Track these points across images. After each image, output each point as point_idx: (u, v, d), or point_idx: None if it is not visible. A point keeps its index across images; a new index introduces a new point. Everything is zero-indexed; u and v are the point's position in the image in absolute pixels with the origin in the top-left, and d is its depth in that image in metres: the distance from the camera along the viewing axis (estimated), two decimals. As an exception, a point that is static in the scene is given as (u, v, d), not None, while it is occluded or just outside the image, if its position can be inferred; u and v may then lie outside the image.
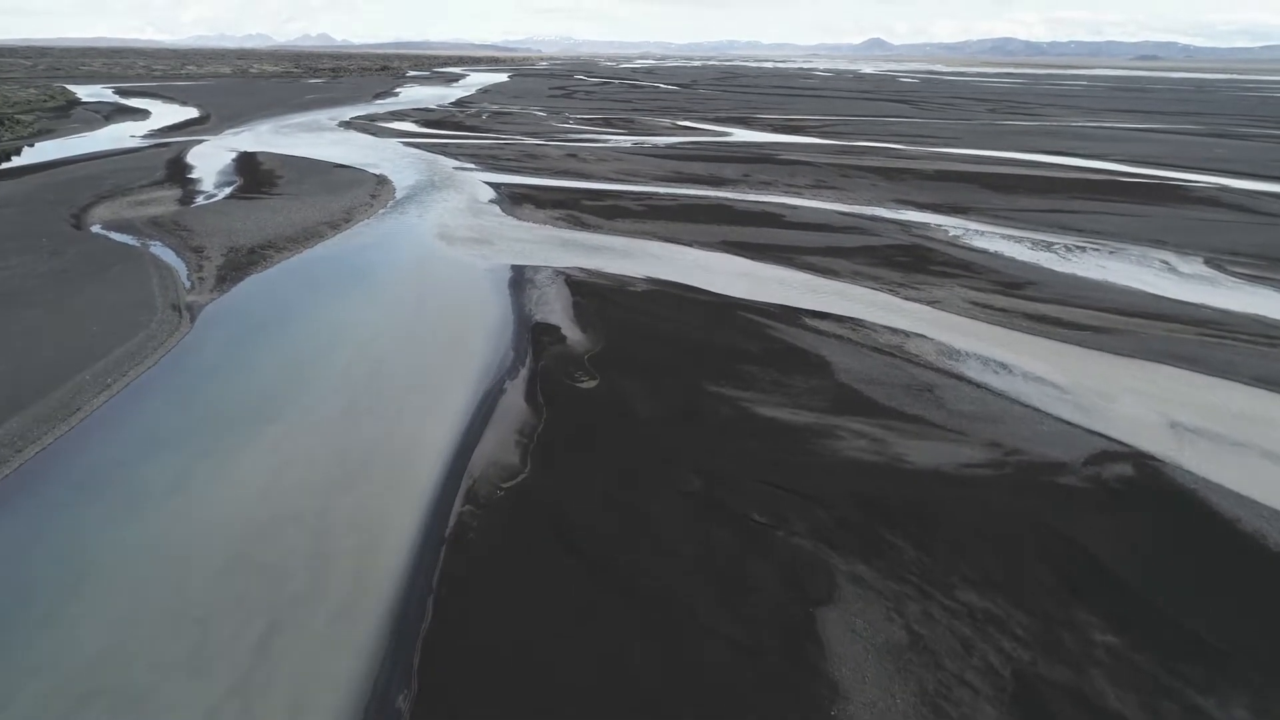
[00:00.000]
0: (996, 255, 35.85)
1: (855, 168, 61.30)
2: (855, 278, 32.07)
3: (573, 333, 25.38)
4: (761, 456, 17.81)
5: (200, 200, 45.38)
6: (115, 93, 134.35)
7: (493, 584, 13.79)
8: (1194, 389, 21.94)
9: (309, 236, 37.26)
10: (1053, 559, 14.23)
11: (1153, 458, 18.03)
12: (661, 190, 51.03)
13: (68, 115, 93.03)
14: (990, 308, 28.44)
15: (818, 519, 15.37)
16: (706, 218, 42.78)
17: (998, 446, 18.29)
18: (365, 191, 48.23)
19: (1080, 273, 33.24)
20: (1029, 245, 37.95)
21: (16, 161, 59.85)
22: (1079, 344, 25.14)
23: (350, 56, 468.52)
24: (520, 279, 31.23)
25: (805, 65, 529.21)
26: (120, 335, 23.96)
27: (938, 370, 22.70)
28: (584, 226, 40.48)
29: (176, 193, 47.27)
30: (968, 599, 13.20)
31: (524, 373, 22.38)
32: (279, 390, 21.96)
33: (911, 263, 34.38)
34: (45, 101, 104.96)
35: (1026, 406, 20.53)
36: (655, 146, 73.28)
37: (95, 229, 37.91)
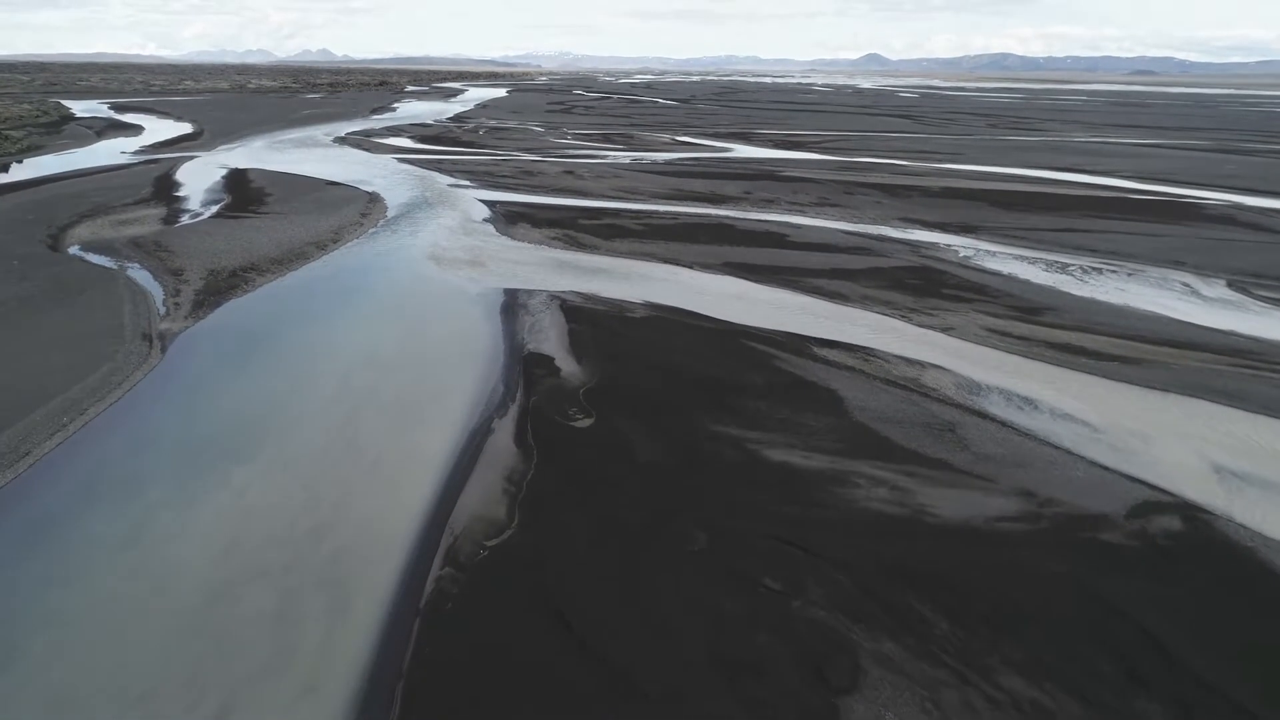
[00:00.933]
0: (1011, 278, 34.35)
1: (859, 184, 59.95)
2: (865, 302, 30.55)
3: (567, 364, 23.81)
4: (772, 509, 16.22)
5: (185, 219, 43.93)
6: (110, 108, 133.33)
7: (471, 668, 12.16)
8: (1237, 428, 20.36)
9: (294, 258, 35.76)
10: (1105, 637, 12.62)
11: (1201, 509, 16.45)
12: (661, 208, 49.63)
13: (60, 131, 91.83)
14: (1009, 335, 26.90)
15: (837, 585, 13.76)
16: (708, 237, 41.34)
17: (1031, 496, 16.69)
18: (356, 210, 46.79)
19: (1100, 297, 31.72)
20: (1043, 267, 36.46)
21: (7, 176, 58.53)
22: (1106, 376, 23.58)
23: (349, 72, 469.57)
24: (513, 304, 29.70)
25: (804, 80, 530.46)
26: (82, 368, 22.38)
27: (958, 406, 21.13)
28: (581, 247, 39.00)
29: (161, 211, 45.82)
30: (1013, 686, 11.59)
31: (514, 410, 20.80)
32: (250, 428, 20.37)
33: (923, 286, 32.87)
34: (38, 117, 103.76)
35: (1057, 448, 18.94)
36: (654, 163, 72.00)
37: (73, 250, 36.42)
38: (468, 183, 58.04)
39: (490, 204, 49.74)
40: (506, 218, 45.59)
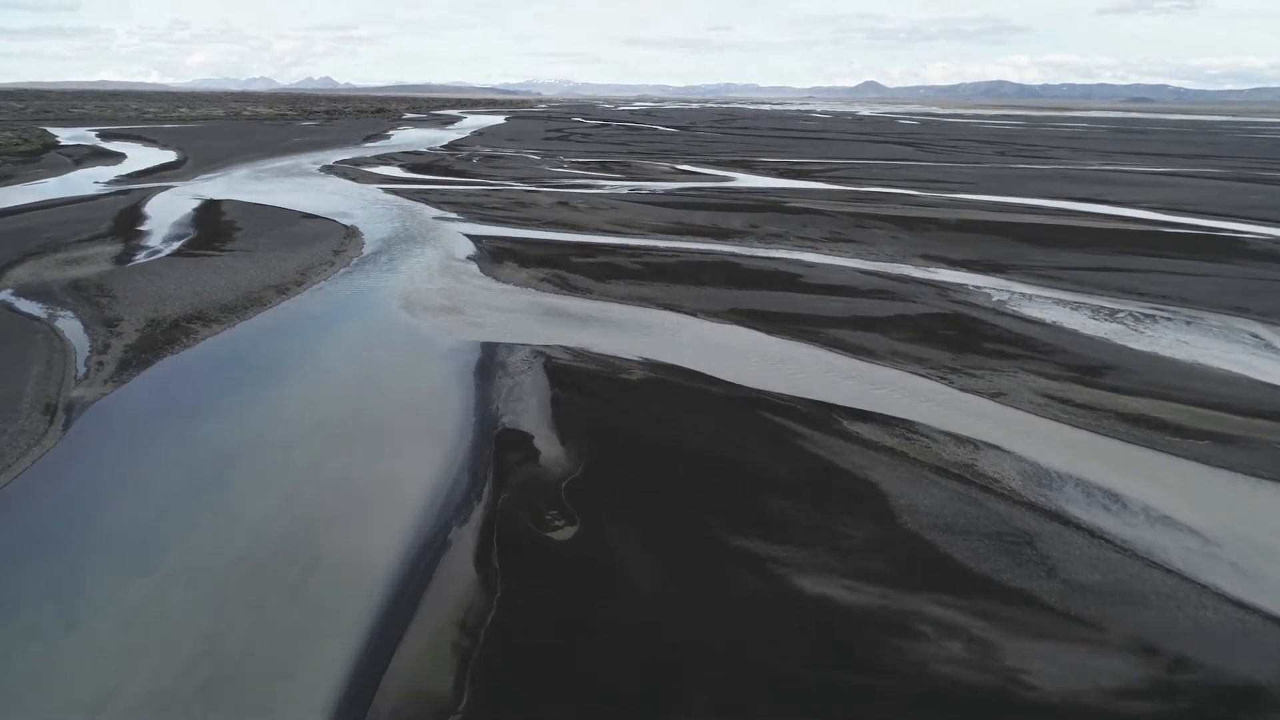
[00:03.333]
0: (1056, 327, 30.37)
1: (871, 217, 56.21)
2: (895, 359, 26.55)
3: (548, 445, 19.74)
4: (807, 674, 12.10)
5: (140, 258, 40.07)
6: (99, 135, 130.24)
7: None
8: (1385, 537, 16.28)
9: (249, 304, 31.79)
10: None
11: (1384, 671, 12.32)
12: (661, 244, 45.81)
13: (37, 160, 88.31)
14: (1070, 403, 22.86)
15: (914, 819, 9.63)
16: (712, 279, 37.44)
17: (1154, 654, 12.57)
18: (329, 247, 42.94)
19: (1163, 351, 27.73)
20: (1089, 313, 32.50)
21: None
22: (1200, 460, 19.51)
23: (348, 99, 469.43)
24: (490, 362, 25.70)
25: (803, 107, 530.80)
26: (-47, 455, 18.31)
27: (1030, 507, 17.03)
28: (571, 290, 35.07)
29: (116, 249, 41.98)
30: None
31: (479, 513, 16.68)
32: (144, 542, 16.25)
33: (959, 338, 28.90)
34: (17, 145, 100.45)
35: (1169, 572, 14.82)
36: (653, 193, 68.36)
37: (3, 295, 32.47)
38: (455, 215, 54.29)
39: (476, 239, 45.92)
40: (492, 255, 41.73)
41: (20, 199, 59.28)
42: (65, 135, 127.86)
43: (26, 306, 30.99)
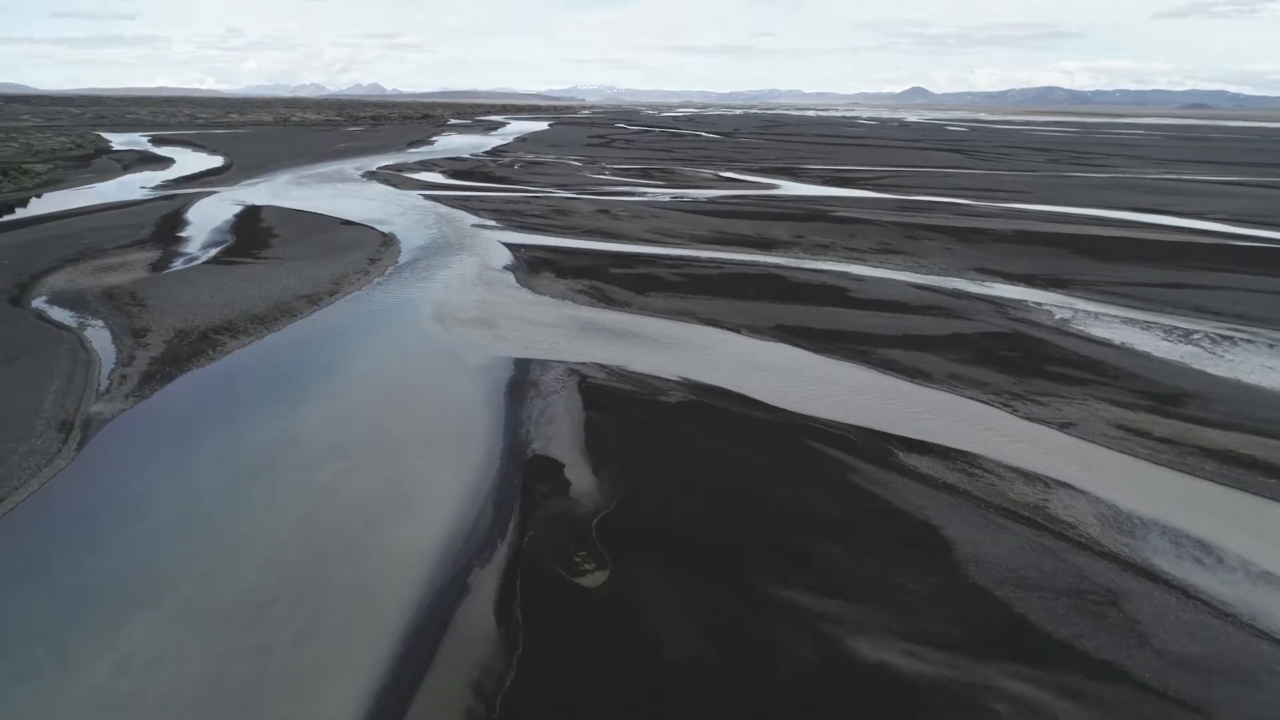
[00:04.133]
0: (1127, 350, 28.32)
1: (922, 227, 54.16)
2: (953, 384, 24.80)
3: (580, 475, 18.43)
4: (870, 761, 10.58)
5: (176, 265, 39.69)
6: (150, 140, 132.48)
7: None
8: None
9: (280, 315, 31.02)
10: None
11: None
12: (702, 254, 44.37)
13: (87, 165, 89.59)
14: (1148, 436, 20.95)
15: None
16: (756, 292, 35.89)
17: (1273, 749, 10.84)
18: (365, 255, 42.22)
19: (1247, 378, 25.60)
20: (1161, 334, 30.36)
21: (12, 215, 55.19)
22: (1302, 506, 17.55)
23: (394, 105, 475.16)
24: (522, 380, 24.50)
25: (848, 113, 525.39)
26: (-40, 476, 17.54)
27: (1113, 559, 15.28)
28: (609, 303, 33.79)
29: (154, 255, 41.69)
30: None
31: (502, 553, 15.40)
32: (145, 575, 15.25)
33: (1020, 360, 27.03)
34: (70, 150, 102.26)
35: (1280, 643, 13.03)
36: (695, 201, 66.94)
37: (37, 302, 32.14)
38: (494, 223, 53.42)
39: (514, 248, 44.92)
40: (529, 265, 40.65)
41: (67, 204, 59.83)
42: (118, 140, 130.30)
43: (58, 315, 30.55)
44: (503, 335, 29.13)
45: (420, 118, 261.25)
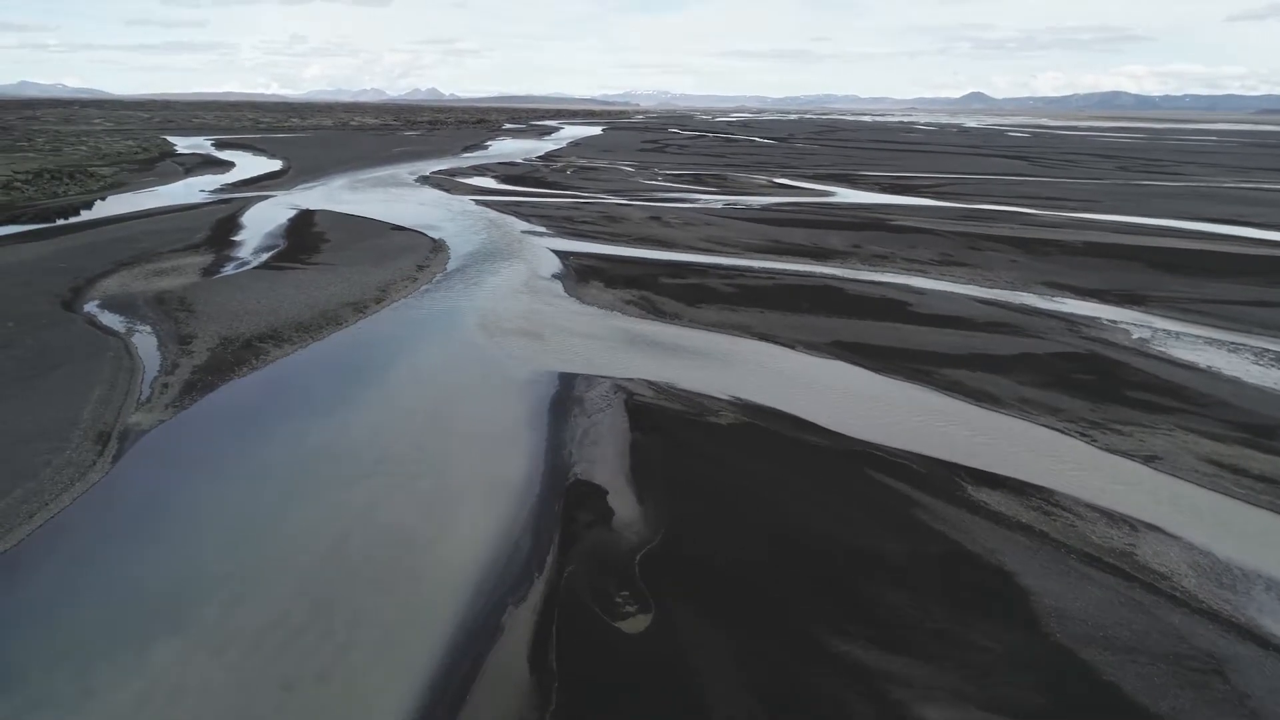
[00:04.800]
0: (1214, 374, 26.35)
1: (985, 238, 52.06)
2: (1024, 409, 23.20)
3: (624, 503, 17.39)
4: None
5: (228, 269, 39.74)
6: (213, 144, 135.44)
7: None
8: None
9: (325, 323, 30.62)
10: None
11: None
12: (756, 264, 43.08)
13: (151, 168, 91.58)
14: (1244, 473, 19.17)
15: None
16: (811, 305, 34.51)
17: None
18: (413, 261, 41.85)
19: (1352, 409, 23.51)
20: (1251, 357, 28.27)
21: (77, 218, 56.32)
22: None
23: (451, 110, 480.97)
24: (567, 397, 23.58)
25: (905, 119, 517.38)
26: (-7, 490, 17.17)
27: (1214, 618, 13.71)
28: (659, 314, 32.75)
29: (207, 259, 41.86)
30: None
31: (539, 588, 14.43)
32: (170, 600, 14.61)
33: (1097, 384, 25.28)
34: (136, 154, 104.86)
35: None
36: (749, 208, 65.58)
37: (89, 307, 32.26)
38: (544, 229, 52.79)
39: (563, 255, 44.16)
40: (578, 274, 39.82)
41: (128, 207, 60.89)
42: (183, 144, 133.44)
43: (108, 320, 30.57)
44: (549, 348, 28.27)
45: (475, 122, 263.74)
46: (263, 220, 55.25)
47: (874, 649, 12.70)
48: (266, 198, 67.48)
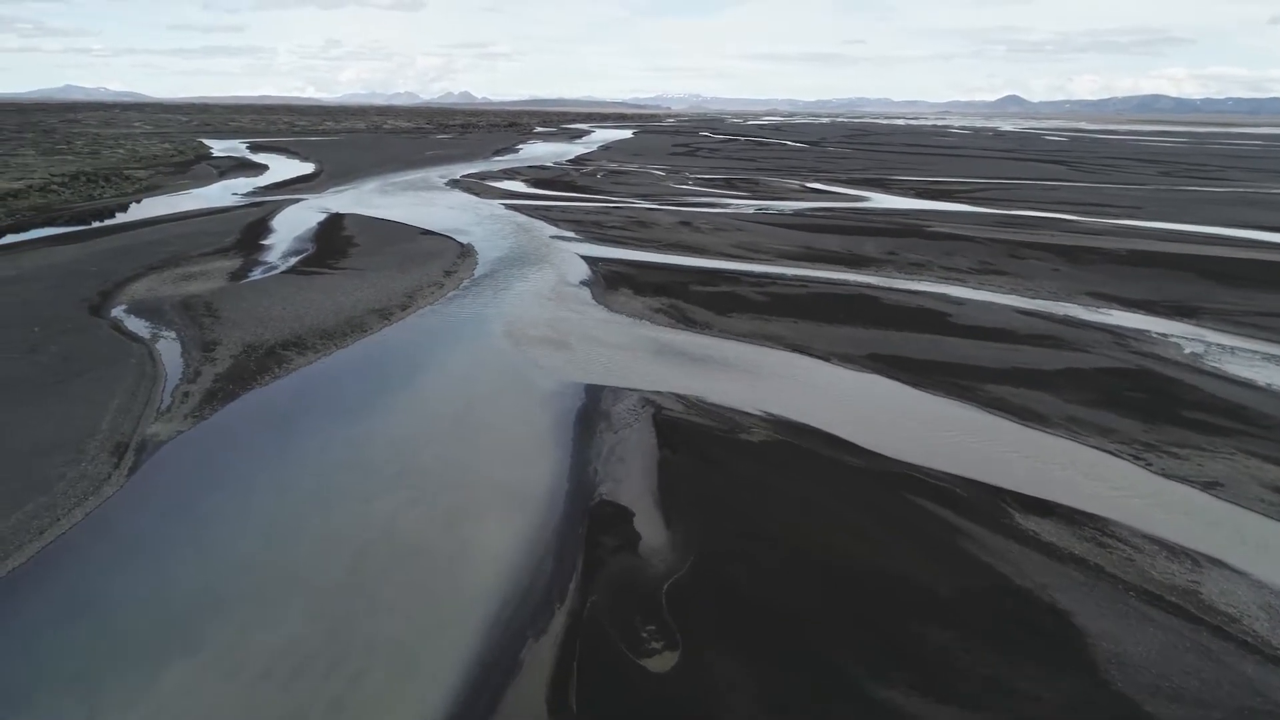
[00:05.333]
0: (1275, 393, 25.00)
1: (1025, 245, 50.63)
2: (1072, 429, 22.07)
3: (651, 526, 16.60)
4: None
5: (255, 274, 39.54)
6: (248, 147, 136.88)
7: None
8: None
9: (350, 330, 30.18)
10: None
11: None
12: (788, 272, 42.11)
13: (186, 171, 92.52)
14: (1314, 503, 17.93)
15: None
16: (846, 315, 33.49)
17: None
18: (440, 267, 41.42)
19: None
20: (1313, 375, 26.83)
21: (112, 220, 56.78)
22: None
23: (483, 113, 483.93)
24: (593, 410, 22.84)
25: (939, 122, 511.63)
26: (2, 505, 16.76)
27: (1290, 667, 12.62)
28: (689, 324, 31.94)
29: (235, 264, 41.72)
30: None
31: (560, 620, 13.68)
32: (180, 621, 14.06)
33: (1149, 402, 24.05)
34: (172, 156, 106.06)
35: None
36: (781, 213, 64.54)
37: (115, 312, 32.10)
38: (573, 234, 52.20)
39: (592, 261, 43.51)
40: (606, 280, 39.11)
41: (161, 209, 61.27)
42: (219, 147, 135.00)
43: (133, 325, 30.37)
44: (575, 358, 27.56)
45: (507, 126, 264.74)
46: (292, 224, 55.24)
47: (918, 695, 11.79)
48: (297, 201, 67.64)
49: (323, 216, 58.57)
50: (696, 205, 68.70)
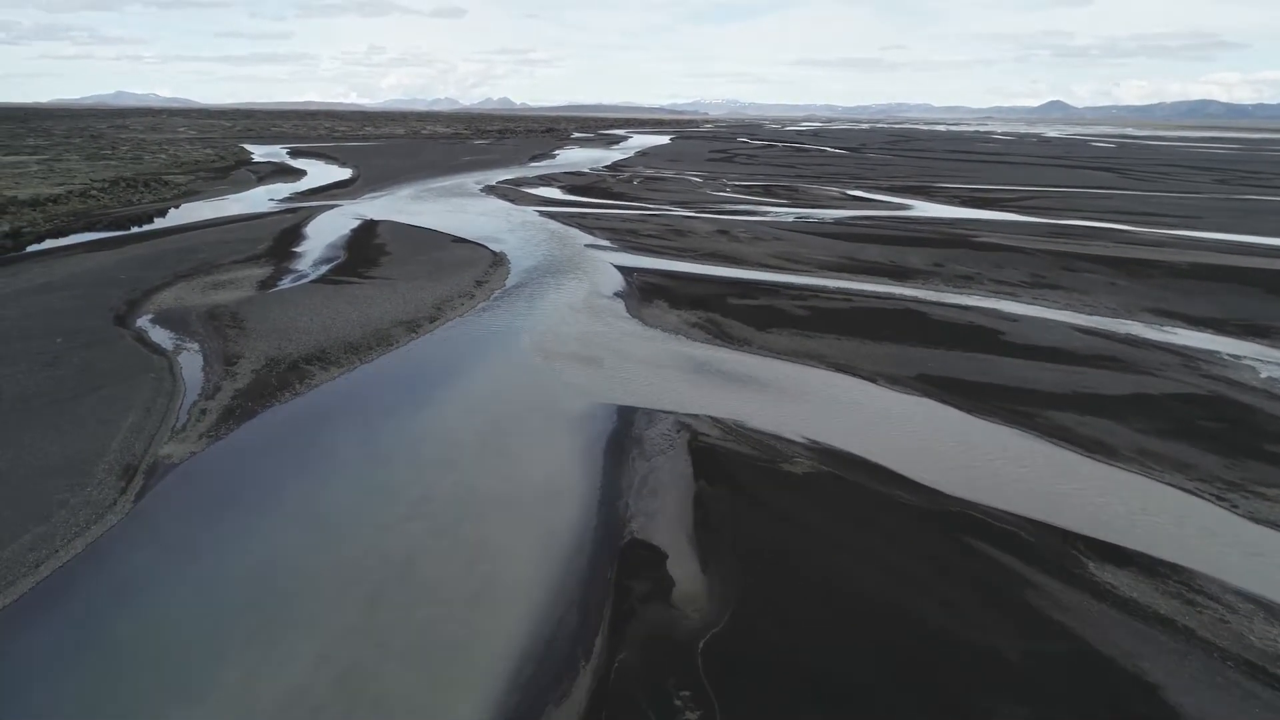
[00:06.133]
0: (1367, 425, 22.93)
1: (1079, 257, 48.42)
2: (1145, 463, 20.28)
3: (686, 573, 15.22)
4: None
5: (284, 283, 38.86)
6: (288, 153, 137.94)
7: None
8: None
9: (375, 343, 29.22)
10: None
11: None
12: (830, 283, 40.49)
13: (226, 176, 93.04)
14: None
15: None
16: (893, 331, 31.82)
17: None
18: (472, 276, 40.44)
19: None
20: (1407, 404, 24.66)
21: (151, 225, 56.85)
22: None
23: (521, 119, 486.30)
24: (624, 436, 21.53)
25: (981, 128, 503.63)
26: None
27: None
28: (726, 339, 30.52)
29: (265, 272, 41.13)
30: None
31: (584, 683, 12.36)
32: (181, 665, 12.98)
33: (1227, 434, 22.15)
34: (213, 162, 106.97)
35: None
36: (821, 222, 62.82)
37: (140, 322, 31.51)
38: (607, 243, 51.04)
39: (627, 272, 42.28)
40: (641, 292, 37.84)
41: (197, 216, 61.24)
42: (260, 152, 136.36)
43: (157, 336, 29.71)
44: (607, 376, 26.29)
45: (544, 131, 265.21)
46: (325, 231, 54.77)
47: (992, 789, 10.27)
48: (332, 207, 67.36)
49: (356, 223, 58.08)
50: (734, 213, 67.22)
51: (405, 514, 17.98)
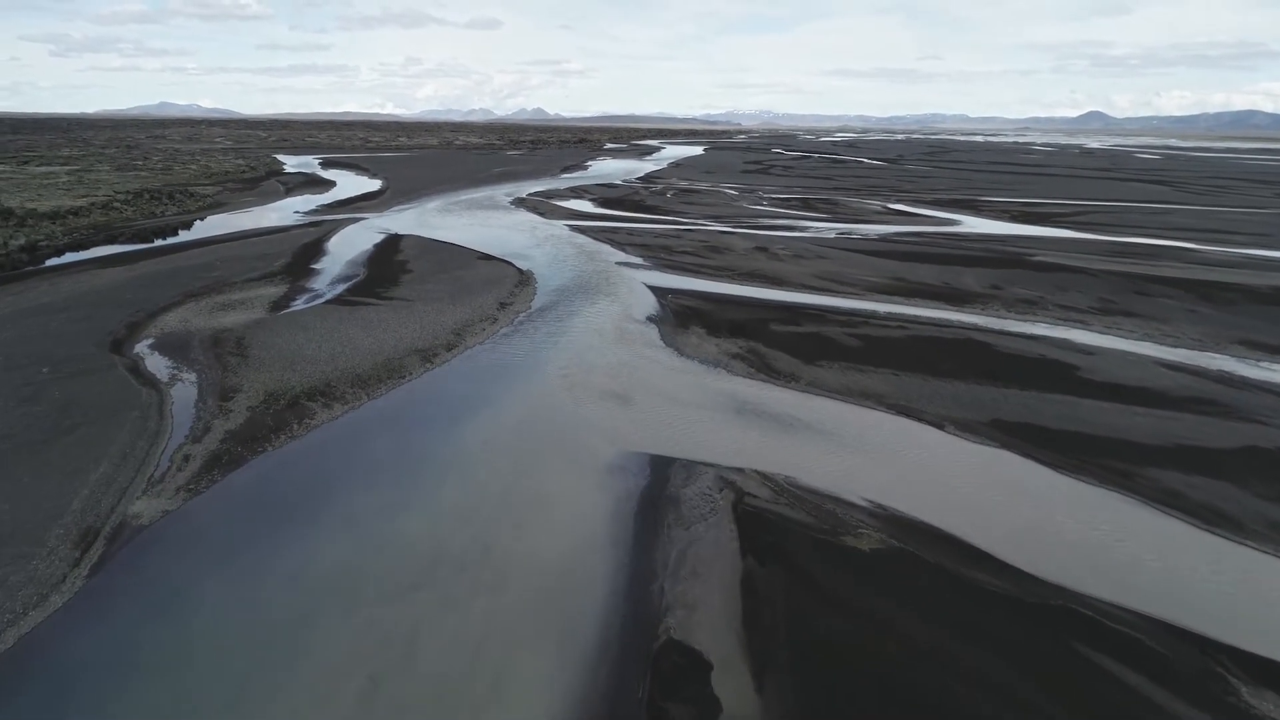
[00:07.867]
0: None
1: (1149, 279, 44.79)
2: (1277, 539, 17.02)
3: (735, 689, 12.32)
4: None
5: (298, 304, 36.61)
6: (320, 163, 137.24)
7: None
8: None
9: (387, 375, 26.71)
10: None
11: None
12: (880, 308, 37.39)
13: (254, 187, 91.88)
14: None
15: None
16: (954, 365, 28.68)
17: None
18: (495, 297, 37.93)
19: None
20: None
21: (175, 238, 55.28)
22: None
23: (554, 129, 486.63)
24: (660, 494, 18.70)
25: (1019, 139, 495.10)
26: (-79, 621, 13.39)
27: None
28: (771, 373, 27.61)
29: (279, 291, 38.95)
30: None
31: None
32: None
33: (1369, 501, 18.78)
34: (243, 172, 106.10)
35: None
36: (865, 238, 59.60)
37: (138, 348, 29.33)
38: (640, 260, 48.36)
39: (660, 293, 39.54)
40: (676, 316, 35.04)
41: (219, 229, 59.59)
42: (292, 162, 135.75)
43: (152, 364, 27.47)
44: (640, 419, 23.48)
45: (577, 142, 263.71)
46: (348, 246, 52.67)
47: None
48: (357, 220, 65.43)
49: (380, 238, 55.97)
50: (772, 228, 64.20)
51: (409, 584, 15.39)
